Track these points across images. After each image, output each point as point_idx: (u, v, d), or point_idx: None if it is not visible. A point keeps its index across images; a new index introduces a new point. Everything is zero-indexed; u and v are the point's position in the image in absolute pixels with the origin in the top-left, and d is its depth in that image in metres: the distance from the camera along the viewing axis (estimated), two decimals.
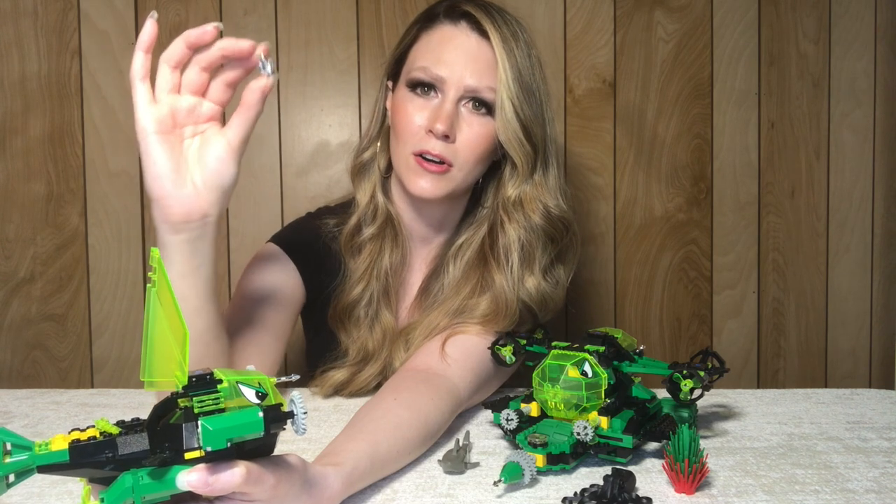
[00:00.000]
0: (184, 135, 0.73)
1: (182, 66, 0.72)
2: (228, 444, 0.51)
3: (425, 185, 0.98)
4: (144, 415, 0.53)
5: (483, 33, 0.98)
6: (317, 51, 1.53)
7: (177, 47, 0.71)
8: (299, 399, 0.55)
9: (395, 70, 1.06)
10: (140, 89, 0.70)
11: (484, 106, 0.99)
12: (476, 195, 1.09)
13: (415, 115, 0.99)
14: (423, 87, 0.99)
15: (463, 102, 0.99)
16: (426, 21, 1.03)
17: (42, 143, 1.52)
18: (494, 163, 1.05)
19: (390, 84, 1.07)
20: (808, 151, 1.58)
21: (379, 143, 1.08)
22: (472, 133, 0.99)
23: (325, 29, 1.53)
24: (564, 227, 1.04)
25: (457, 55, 0.98)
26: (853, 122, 1.58)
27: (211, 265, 0.77)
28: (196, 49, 0.71)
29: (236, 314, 0.96)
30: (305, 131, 1.54)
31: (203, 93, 0.73)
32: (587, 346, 0.81)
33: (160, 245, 0.74)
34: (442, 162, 0.98)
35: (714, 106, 1.57)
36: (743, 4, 1.56)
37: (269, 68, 0.71)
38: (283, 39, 1.53)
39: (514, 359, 0.93)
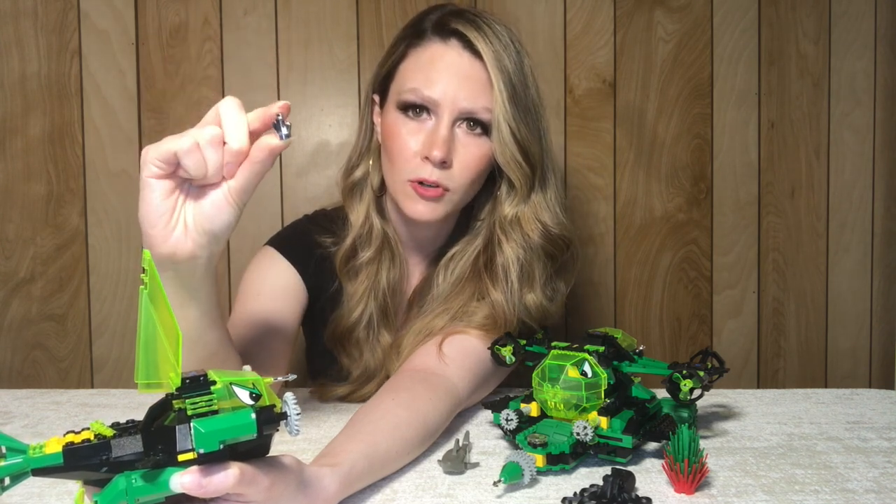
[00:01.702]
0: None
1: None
2: (221, 446, 0.51)
3: (422, 209, 0.97)
4: (143, 416, 0.53)
5: (475, 52, 0.95)
6: (317, 51, 1.53)
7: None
8: (293, 400, 0.55)
9: (382, 86, 1.03)
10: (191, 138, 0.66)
11: (479, 125, 0.97)
12: (469, 204, 1.06)
13: (409, 139, 0.96)
14: (416, 109, 0.97)
15: (458, 124, 0.97)
16: (413, 37, 1.00)
17: (42, 143, 1.52)
18: (490, 174, 1.03)
19: (377, 98, 1.05)
20: (808, 151, 1.58)
21: (371, 161, 1.05)
22: (469, 155, 0.97)
23: (325, 29, 1.53)
24: (565, 245, 1.02)
25: (449, 76, 0.95)
26: (853, 122, 1.58)
27: (207, 299, 0.75)
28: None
29: (246, 326, 0.96)
30: (305, 131, 1.54)
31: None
32: (587, 347, 0.81)
33: None
34: (439, 186, 0.96)
35: (714, 106, 1.56)
36: (743, 4, 1.55)
37: (283, 131, 0.68)
38: (283, 39, 1.53)
39: (513, 359, 0.93)
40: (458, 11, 1.00)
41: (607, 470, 0.71)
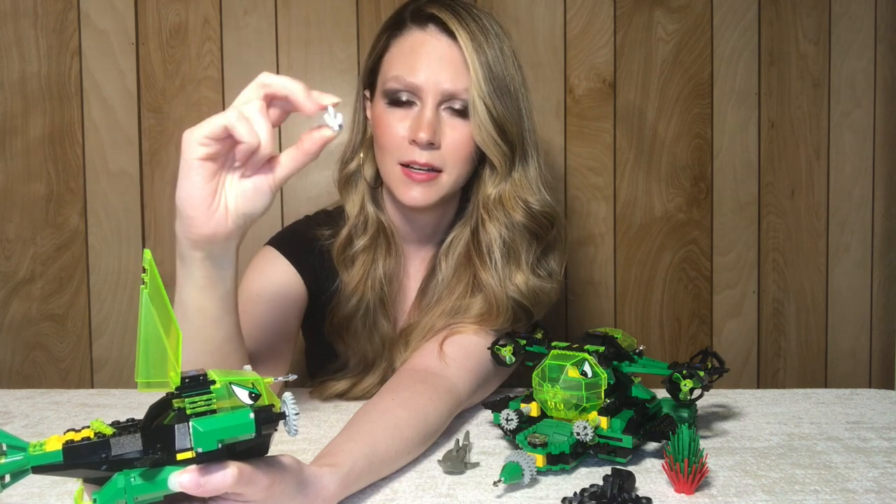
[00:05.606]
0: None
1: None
2: (220, 445, 0.51)
3: (416, 194, 0.98)
4: (143, 415, 0.53)
5: (451, 34, 0.96)
6: (317, 51, 1.53)
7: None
8: (291, 400, 0.55)
9: (370, 80, 1.05)
10: (228, 117, 0.67)
11: (463, 107, 0.98)
12: (465, 192, 1.08)
13: (396, 126, 0.97)
14: (401, 97, 0.98)
15: (442, 107, 0.98)
16: (394, 28, 1.01)
17: (42, 143, 1.52)
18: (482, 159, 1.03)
19: (367, 93, 1.06)
20: (808, 151, 1.58)
21: (363, 154, 1.06)
22: (457, 135, 0.97)
23: (325, 29, 1.53)
24: (549, 223, 1.02)
25: (430, 61, 0.96)
26: (853, 122, 1.58)
27: (232, 279, 0.77)
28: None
29: (247, 326, 0.95)
30: (306, 131, 1.54)
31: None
32: (587, 346, 0.81)
33: (180, 257, 0.74)
34: (431, 169, 0.97)
35: (714, 106, 1.56)
36: (743, 4, 1.55)
37: (336, 123, 0.70)
38: (283, 39, 1.53)
39: (513, 359, 0.93)
40: None
41: (607, 470, 0.71)
